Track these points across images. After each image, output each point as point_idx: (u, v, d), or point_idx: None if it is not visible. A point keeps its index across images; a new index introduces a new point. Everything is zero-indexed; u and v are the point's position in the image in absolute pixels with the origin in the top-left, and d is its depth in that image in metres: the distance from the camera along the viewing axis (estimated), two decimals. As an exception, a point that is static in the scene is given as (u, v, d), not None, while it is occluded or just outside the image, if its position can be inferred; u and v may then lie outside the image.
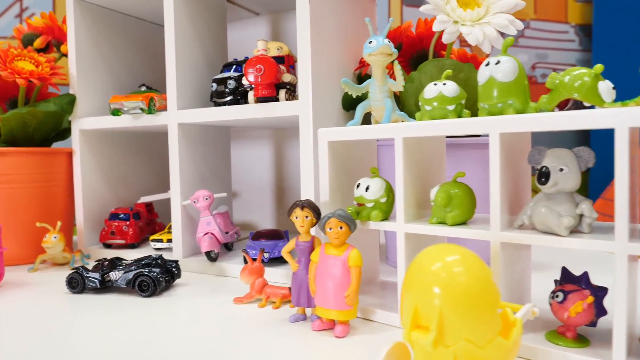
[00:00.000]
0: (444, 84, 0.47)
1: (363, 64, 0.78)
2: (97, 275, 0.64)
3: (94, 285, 0.64)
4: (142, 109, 0.76)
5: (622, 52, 1.74)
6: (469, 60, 0.76)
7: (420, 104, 0.49)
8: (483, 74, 0.44)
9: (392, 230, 0.49)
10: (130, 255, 0.82)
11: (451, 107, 0.47)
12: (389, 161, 0.70)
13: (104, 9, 0.90)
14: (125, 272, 0.63)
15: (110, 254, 0.85)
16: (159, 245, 0.82)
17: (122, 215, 0.86)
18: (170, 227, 0.86)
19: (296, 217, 0.51)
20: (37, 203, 0.83)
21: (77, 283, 0.64)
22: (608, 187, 1.42)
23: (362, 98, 0.74)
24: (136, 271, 0.63)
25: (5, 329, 0.52)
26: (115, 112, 0.77)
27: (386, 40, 0.51)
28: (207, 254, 0.72)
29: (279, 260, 0.72)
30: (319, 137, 0.54)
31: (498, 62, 0.43)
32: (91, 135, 0.88)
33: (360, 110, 0.54)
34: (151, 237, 0.83)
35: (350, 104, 0.74)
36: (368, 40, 0.51)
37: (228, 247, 0.81)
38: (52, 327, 0.52)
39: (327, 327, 0.50)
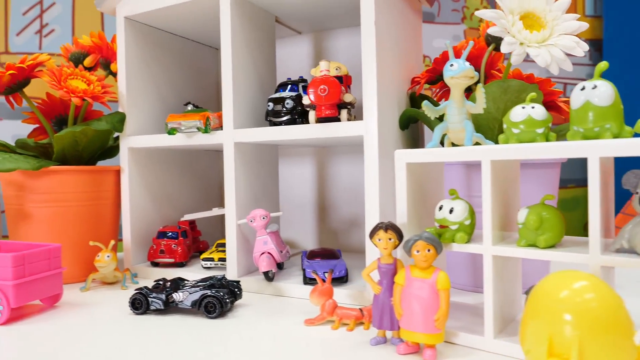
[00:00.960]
0: (533, 107, 0.47)
1: (418, 82, 0.79)
2: (161, 296, 0.63)
3: (158, 306, 0.63)
4: (198, 128, 0.76)
5: (632, 66, 1.77)
6: (523, 79, 0.76)
7: (505, 126, 0.49)
8: (578, 99, 0.44)
9: (478, 252, 0.49)
10: (179, 274, 0.82)
11: (540, 130, 0.47)
12: (450, 181, 0.70)
13: (152, 28, 0.91)
14: (190, 293, 0.63)
15: (158, 272, 0.84)
16: (209, 264, 0.82)
17: (170, 234, 0.86)
18: (217, 246, 0.86)
19: (379, 240, 0.51)
20: (85, 221, 0.83)
21: (140, 304, 0.64)
22: (628, 202, 1.43)
23: (415, 118, 0.74)
24: (202, 292, 0.62)
25: (70, 353, 0.52)
26: (172, 131, 0.78)
27: (467, 64, 0.51)
28: (265, 273, 0.72)
29: (335, 280, 0.72)
30: (397, 158, 0.54)
31: (595, 87, 0.43)
32: (139, 153, 0.88)
33: (438, 132, 0.54)
34: (202, 256, 0.82)
35: (406, 123, 0.74)
36: (449, 63, 0.52)
37: (280, 266, 0.80)
38: (120, 351, 0.52)
39: (412, 350, 0.49)
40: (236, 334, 0.56)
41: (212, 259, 0.82)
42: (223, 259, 0.81)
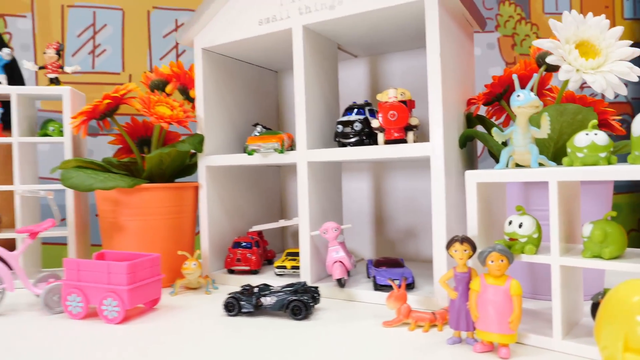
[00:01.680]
0: (595, 134, 0.54)
1: (474, 103, 0.85)
2: (251, 299, 0.71)
3: (248, 309, 0.71)
4: (275, 149, 0.84)
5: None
6: (576, 101, 0.82)
7: (569, 150, 0.56)
8: (639, 127, 0.50)
9: (546, 262, 0.56)
10: (253, 280, 0.90)
11: (603, 155, 0.53)
12: (510, 197, 0.76)
13: (223, 56, 1.00)
14: (277, 297, 0.71)
15: (234, 279, 0.92)
16: (282, 271, 0.90)
17: (244, 244, 0.95)
18: (287, 255, 0.94)
19: (455, 251, 0.58)
20: (169, 232, 0.92)
21: (233, 307, 0.72)
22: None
23: (472, 136, 0.81)
24: (289, 296, 0.70)
25: (180, 346, 0.60)
26: (251, 152, 0.86)
27: (532, 94, 0.58)
28: (338, 280, 0.79)
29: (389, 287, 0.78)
30: (467, 178, 0.61)
31: (654, 119, 0.50)
32: (215, 171, 0.97)
33: (505, 155, 0.61)
34: (275, 264, 0.91)
35: (464, 142, 0.81)
36: (516, 94, 0.58)
37: (348, 273, 0.88)
38: (220, 346, 0.60)
39: (487, 349, 0.56)
40: (322, 333, 0.64)
41: (284, 267, 0.90)
42: (295, 267, 0.89)
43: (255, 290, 0.74)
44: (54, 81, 0.99)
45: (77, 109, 0.98)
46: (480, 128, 0.90)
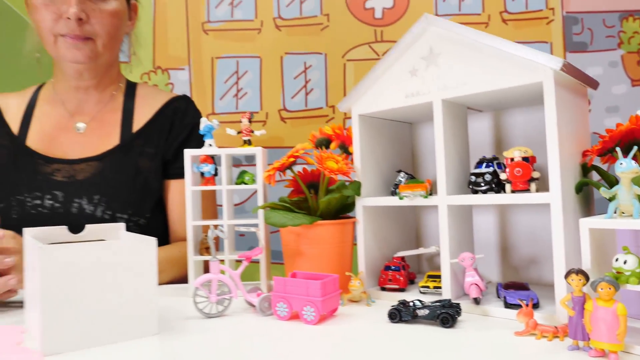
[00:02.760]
0: (684, 194, 0.71)
1: (589, 155, 1.03)
2: (409, 311, 0.96)
3: (407, 318, 0.96)
4: (422, 195, 1.09)
5: None
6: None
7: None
8: None
9: (646, 291, 0.73)
10: (402, 296, 1.14)
11: (691, 210, 0.70)
12: (621, 239, 0.93)
13: (374, 118, 1.28)
14: (430, 310, 0.95)
15: (385, 295, 1.18)
16: (425, 290, 1.14)
17: (393, 267, 1.20)
18: (429, 277, 1.18)
19: (572, 280, 0.77)
20: (335, 257, 1.20)
21: (395, 316, 0.97)
22: None
23: (586, 184, 0.98)
24: (439, 309, 0.94)
25: (363, 341, 0.86)
26: (402, 197, 1.12)
27: (633, 162, 0.76)
28: (475, 299, 1.01)
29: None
30: (581, 225, 0.81)
31: None
32: (369, 209, 1.24)
33: (612, 207, 0.79)
34: (420, 284, 1.15)
35: (580, 188, 0.99)
36: (619, 162, 0.77)
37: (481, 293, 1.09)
38: (387, 345, 0.85)
39: (599, 355, 0.75)
40: (466, 337, 0.86)
41: (428, 287, 1.13)
42: (437, 287, 1.12)
43: (411, 304, 0.98)
44: (247, 142, 1.33)
45: (265, 163, 1.31)
46: (594, 175, 1.07)
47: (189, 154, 1.26)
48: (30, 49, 1.62)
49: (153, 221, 1.55)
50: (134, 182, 1.53)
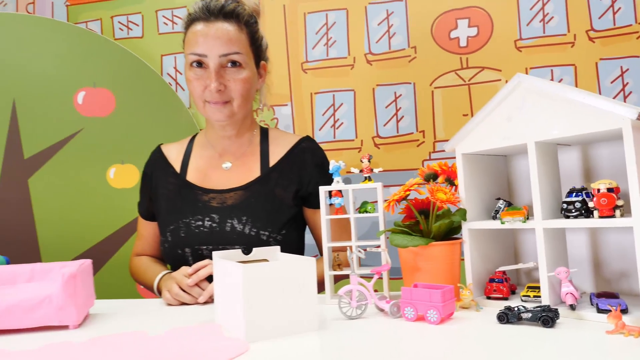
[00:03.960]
0: None
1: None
2: (515, 314, 1.20)
3: (513, 320, 1.20)
4: (520, 220, 1.33)
5: None
6: None
7: None
8: None
9: None
10: (506, 304, 1.37)
11: None
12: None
13: (475, 155, 1.53)
14: (532, 313, 1.18)
15: (491, 303, 1.41)
16: (526, 299, 1.36)
17: (497, 280, 1.44)
18: (528, 287, 1.40)
19: (651, 289, 0.99)
20: (444, 273, 1.46)
21: (503, 318, 1.21)
22: None
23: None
24: (540, 313, 1.17)
25: (478, 340, 1.11)
26: (503, 222, 1.36)
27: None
28: (571, 305, 1.23)
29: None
30: (657, 245, 1.02)
31: None
32: (474, 232, 1.49)
33: (683, 230, 0.99)
34: (521, 294, 1.37)
35: (660, 213, 1.18)
36: (687, 195, 0.98)
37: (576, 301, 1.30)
38: (498, 341, 1.09)
39: (677, 347, 0.95)
40: (564, 336, 1.09)
41: (528, 296, 1.36)
42: (536, 296, 1.34)
43: (515, 308, 1.22)
44: (368, 179, 1.63)
45: (376, 195, 1.61)
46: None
47: (323, 190, 1.58)
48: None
49: (287, 237, 1.91)
50: (271, 206, 1.89)
